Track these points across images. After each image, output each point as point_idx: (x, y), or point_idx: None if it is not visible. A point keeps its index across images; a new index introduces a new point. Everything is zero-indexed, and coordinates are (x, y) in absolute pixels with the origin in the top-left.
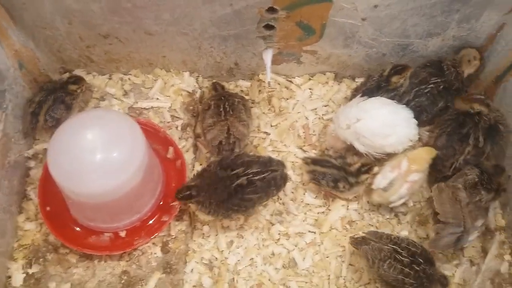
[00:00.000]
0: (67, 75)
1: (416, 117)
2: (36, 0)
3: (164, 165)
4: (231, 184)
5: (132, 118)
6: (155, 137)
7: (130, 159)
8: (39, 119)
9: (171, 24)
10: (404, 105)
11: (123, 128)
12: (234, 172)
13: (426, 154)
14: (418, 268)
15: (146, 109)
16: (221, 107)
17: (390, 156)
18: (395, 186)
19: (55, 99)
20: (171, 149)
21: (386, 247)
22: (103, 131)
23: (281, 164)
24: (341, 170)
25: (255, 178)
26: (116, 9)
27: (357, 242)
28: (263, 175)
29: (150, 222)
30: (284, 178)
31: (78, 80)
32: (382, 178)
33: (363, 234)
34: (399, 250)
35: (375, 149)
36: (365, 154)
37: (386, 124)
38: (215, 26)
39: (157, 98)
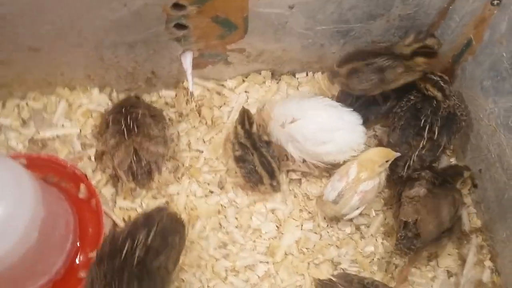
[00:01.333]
0: None
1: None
2: None
3: (77, 207)
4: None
5: (29, 156)
6: (63, 174)
7: (15, 215)
8: None
9: (56, 36)
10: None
11: (3, 177)
12: (124, 253)
13: (377, 157)
14: None
15: (51, 139)
16: (122, 124)
17: (335, 165)
18: (345, 197)
19: None
20: (82, 186)
21: None
22: None
23: (160, 209)
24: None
25: (148, 242)
26: None
27: (322, 287)
28: (152, 234)
29: (65, 281)
30: (175, 220)
31: None
32: (331, 189)
33: (331, 278)
34: None
35: (309, 156)
36: (299, 160)
37: (323, 129)
38: (113, 32)
39: (63, 125)
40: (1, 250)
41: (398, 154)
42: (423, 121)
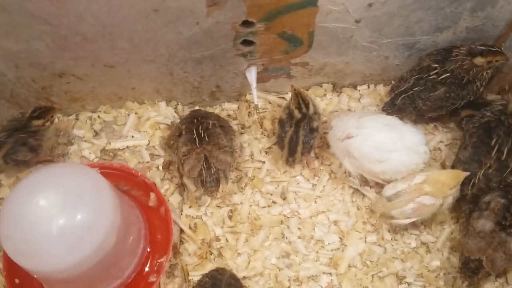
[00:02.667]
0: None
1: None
2: None
3: (147, 215)
4: None
5: (102, 165)
6: (133, 183)
7: (96, 221)
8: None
9: (132, 52)
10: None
11: (84, 185)
12: None
13: (449, 179)
14: None
15: (121, 149)
16: (194, 133)
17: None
18: (400, 199)
19: (15, 141)
20: (152, 195)
21: None
22: (59, 192)
23: (222, 271)
24: None
25: None
26: (64, 45)
27: None
28: None
29: (135, 285)
30: (236, 280)
31: (43, 112)
32: (392, 186)
33: None
34: None
35: (365, 172)
36: (355, 176)
37: (379, 149)
38: (184, 49)
39: (132, 136)
40: (83, 254)
41: (468, 173)
42: (494, 140)
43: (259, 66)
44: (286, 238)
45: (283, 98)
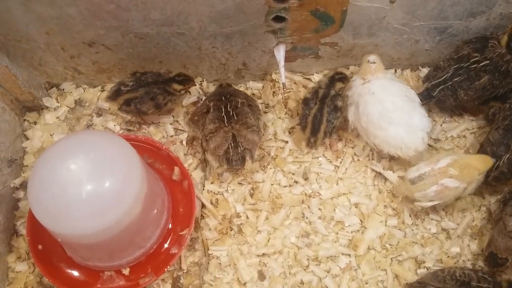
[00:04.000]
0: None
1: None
2: (2, 11)
3: (170, 188)
4: None
5: (127, 137)
6: (157, 156)
7: (124, 189)
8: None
9: (163, 24)
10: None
11: (114, 152)
12: None
13: (480, 164)
14: None
15: (146, 123)
16: (222, 111)
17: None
18: (424, 181)
19: (146, 92)
20: (176, 169)
21: None
22: (89, 158)
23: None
24: None
25: None
26: (97, 13)
27: None
28: None
29: (157, 256)
30: None
31: (186, 80)
32: (416, 168)
33: (420, 280)
34: None
35: (363, 131)
36: (351, 125)
37: (384, 115)
38: (215, 22)
39: None
40: (109, 220)
41: (494, 160)
42: None
43: (288, 44)
44: (307, 218)
45: (308, 79)
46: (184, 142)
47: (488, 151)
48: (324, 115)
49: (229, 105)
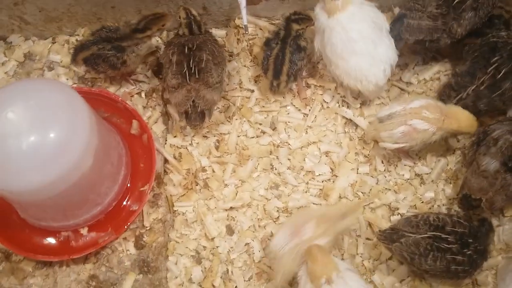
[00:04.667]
0: None
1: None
2: None
3: (129, 142)
4: None
5: (80, 89)
6: (114, 109)
7: (70, 140)
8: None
9: None
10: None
11: (58, 99)
12: None
13: (462, 116)
14: (470, 251)
15: (100, 76)
16: (184, 66)
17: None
18: (392, 121)
19: (98, 52)
20: (134, 122)
21: (426, 237)
22: (29, 106)
23: None
24: None
25: None
26: None
27: (386, 237)
28: None
29: (117, 213)
30: None
31: (155, 20)
32: (388, 108)
33: (393, 226)
34: (443, 236)
35: (326, 59)
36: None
37: (348, 44)
38: None
39: None
40: (56, 173)
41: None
42: (496, 58)
43: None
44: (275, 169)
45: (274, 24)
46: (143, 94)
47: (453, 82)
48: (287, 55)
49: (192, 60)
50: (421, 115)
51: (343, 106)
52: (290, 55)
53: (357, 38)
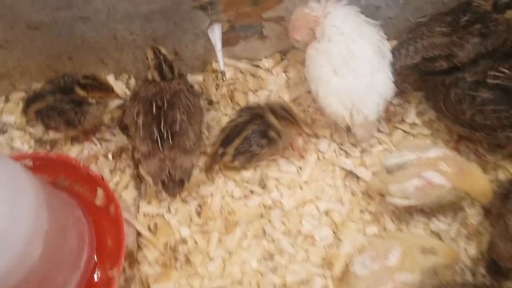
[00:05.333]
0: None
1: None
2: None
3: (94, 216)
4: None
5: (35, 155)
6: (76, 176)
7: (10, 228)
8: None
9: (58, 7)
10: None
11: None
12: None
13: (478, 178)
14: None
15: (61, 136)
16: (154, 131)
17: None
18: (404, 172)
19: (52, 104)
20: (99, 191)
21: None
22: None
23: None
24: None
25: None
26: None
27: None
28: None
29: None
30: None
31: (93, 86)
32: (398, 154)
33: None
34: None
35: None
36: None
37: (345, 60)
38: (126, 0)
39: None
40: None
41: None
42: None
43: (224, 23)
44: (268, 235)
45: (257, 66)
46: (110, 156)
47: None
48: (246, 130)
49: (163, 123)
50: (437, 167)
51: (341, 155)
52: (249, 133)
53: (359, 54)
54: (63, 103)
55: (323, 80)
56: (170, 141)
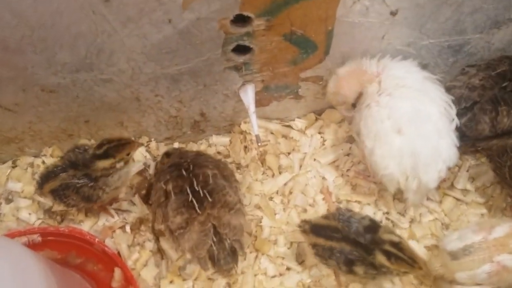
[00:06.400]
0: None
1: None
2: None
3: None
4: None
5: (44, 230)
6: (89, 253)
7: None
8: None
9: (78, 69)
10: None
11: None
12: None
13: None
14: None
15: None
16: (188, 192)
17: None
18: (473, 256)
19: (66, 184)
20: (116, 271)
21: None
22: None
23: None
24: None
25: None
26: None
27: None
28: None
29: None
30: None
31: (114, 148)
32: (458, 236)
33: None
34: None
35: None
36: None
37: (413, 118)
38: (152, 61)
39: None
40: None
41: None
42: None
43: (258, 83)
44: None
45: (289, 126)
46: (128, 228)
47: None
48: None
49: (195, 182)
50: (510, 248)
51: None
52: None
53: (425, 114)
54: (76, 179)
55: (382, 138)
56: (209, 198)
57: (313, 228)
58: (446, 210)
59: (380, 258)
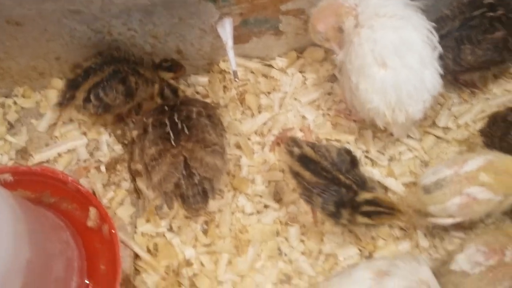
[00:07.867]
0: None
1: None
2: None
3: (84, 238)
4: None
5: (15, 170)
6: (63, 192)
7: None
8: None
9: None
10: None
11: None
12: None
13: None
14: None
15: None
16: (167, 125)
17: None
18: (444, 190)
19: (110, 74)
20: (91, 210)
21: None
22: None
23: None
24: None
25: None
26: None
27: None
28: None
29: None
30: None
31: (174, 66)
32: (432, 172)
33: None
34: None
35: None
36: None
37: (395, 49)
38: None
39: None
40: None
41: None
42: None
43: (236, 17)
44: (285, 255)
45: (269, 65)
46: (103, 168)
47: None
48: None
49: (177, 116)
50: (480, 181)
51: (367, 164)
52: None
53: (408, 43)
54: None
55: (366, 72)
56: (186, 131)
57: (301, 158)
58: (426, 148)
59: (361, 220)
